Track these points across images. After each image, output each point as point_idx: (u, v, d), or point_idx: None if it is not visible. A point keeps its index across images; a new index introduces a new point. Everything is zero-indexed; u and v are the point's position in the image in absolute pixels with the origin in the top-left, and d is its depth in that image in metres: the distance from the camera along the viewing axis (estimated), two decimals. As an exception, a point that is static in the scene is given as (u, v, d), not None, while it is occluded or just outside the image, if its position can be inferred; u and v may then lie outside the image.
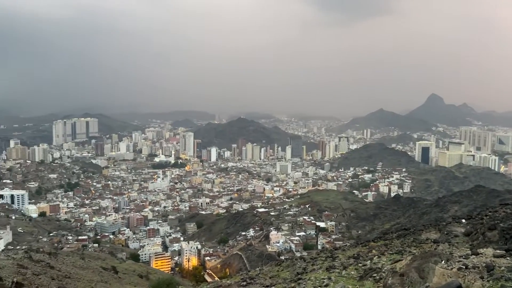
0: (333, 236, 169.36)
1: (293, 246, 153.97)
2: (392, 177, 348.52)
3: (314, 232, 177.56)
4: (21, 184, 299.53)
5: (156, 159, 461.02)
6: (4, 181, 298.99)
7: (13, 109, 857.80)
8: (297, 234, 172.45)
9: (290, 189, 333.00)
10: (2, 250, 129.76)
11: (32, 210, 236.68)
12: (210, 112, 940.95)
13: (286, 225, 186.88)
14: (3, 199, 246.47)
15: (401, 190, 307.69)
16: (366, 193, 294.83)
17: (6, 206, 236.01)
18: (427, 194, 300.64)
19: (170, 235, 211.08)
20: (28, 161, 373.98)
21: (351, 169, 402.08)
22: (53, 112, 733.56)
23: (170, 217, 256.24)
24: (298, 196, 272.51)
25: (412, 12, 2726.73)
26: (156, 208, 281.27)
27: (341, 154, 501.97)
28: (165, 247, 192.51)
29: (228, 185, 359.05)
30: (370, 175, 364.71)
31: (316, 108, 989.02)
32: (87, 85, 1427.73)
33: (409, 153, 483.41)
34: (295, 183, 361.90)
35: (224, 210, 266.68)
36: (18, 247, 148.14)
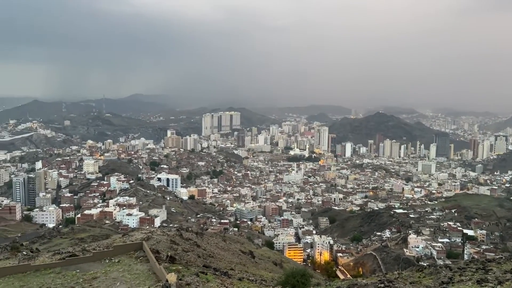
0: (484, 247, 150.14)
1: (434, 252, 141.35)
2: None
3: (460, 239, 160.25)
4: (175, 169, 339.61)
5: (291, 152, 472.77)
6: (161, 166, 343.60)
7: (170, 103, 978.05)
8: (440, 240, 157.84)
9: (433, 191, 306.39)
10: (158, 227, 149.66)
11: (183, 193, 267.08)
12: (346, 107, 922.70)
13: (427, 229, 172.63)
14: (160, 181, 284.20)
15: None
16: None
17: (163, 188, 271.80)
18: None
19: (303, 227, 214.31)
20: (181, 149, 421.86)
21: (510, 172, 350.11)
22: (203, 106, 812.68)
23: (303, 209, 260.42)
24: (443, 199, 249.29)
25: None
26: (290, 200, 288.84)
27: (497, 155, 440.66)
28: (297, 238, 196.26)
29: (363, 182, 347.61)
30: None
31: (468, 103, 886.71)
32: (232, 81, 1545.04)
33: None
34: (439, 184, 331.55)
35: (358, 208, 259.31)
36: (171, 225, 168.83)
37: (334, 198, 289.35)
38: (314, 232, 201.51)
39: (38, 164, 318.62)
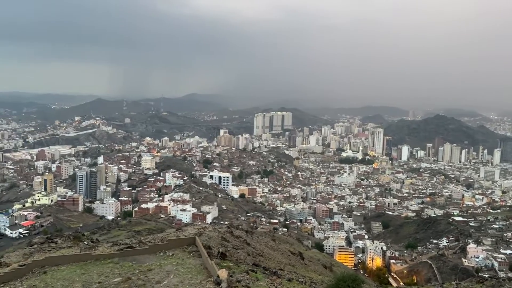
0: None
1: (496, 264, 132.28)
2: None
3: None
4: (226, 167, 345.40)
5: (343, 154, 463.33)
6: (214, 164, 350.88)
7: (224, 103, 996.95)
8: (502, 251, 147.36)
9: (496, 199, 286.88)
10: (210, 223, 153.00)
11: (234, 191, 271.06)
12: (403, 108, 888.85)
13: (489, 239, 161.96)
14: (212, 179, 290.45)
15: None
16: None
17: (215, 186, 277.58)
18: None
19: (355, 231, 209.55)
20: (233, 148, 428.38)
21: None
22: (255, 105, 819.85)
23: (355, 213, 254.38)
24: (507, 208, 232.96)
25: None
26: (341, 202, 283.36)
27: None
28: (348, 242, 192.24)
29: (420, 187, 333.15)
30: None
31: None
32: (286, 81, 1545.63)
33: None
34: (503, 192, 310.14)
35: (414, 214, 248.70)
36: (221, 222, 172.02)
37: (388, 203, 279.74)
38: (366, 236, 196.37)
39: (100, 159, 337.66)
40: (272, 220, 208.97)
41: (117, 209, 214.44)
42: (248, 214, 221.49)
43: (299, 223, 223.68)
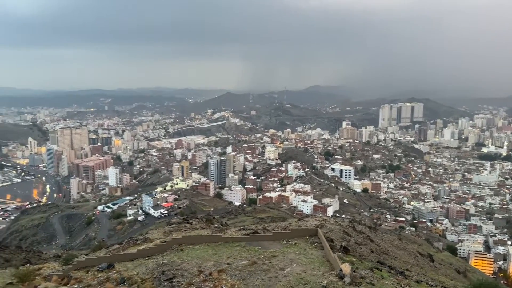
0: None
1: None
2: None
3: None
4: (349, 160, 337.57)
5: (484, 150, 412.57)
6: (335, 156, 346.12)
7: (347, 94, 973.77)
8: None
9: None
10: (331, 216, 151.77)
11: (357, 185, 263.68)
12: None
13: None
14: (334, 172, 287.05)
15: None
16: None
17: (336, 179, 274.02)
18: None
19: (495, 236, 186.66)
20: (356, 141, 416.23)
21: None
22: (381, 96, 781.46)
23: (496, 215, 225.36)
24: None
25: None
26: (479, 203, 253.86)
27: None
28: (487, 247, 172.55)
29: None
30: None
31: None
32: (415, 70, 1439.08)
33: None
34: None
35: None
36: (343, 216, 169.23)
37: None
38: (509, 242, 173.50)
39: (229, 149, 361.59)
40: (398, 218, 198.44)
41: (243, 196, 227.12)
42: (372, 210, 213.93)
43: (428, 223, 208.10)
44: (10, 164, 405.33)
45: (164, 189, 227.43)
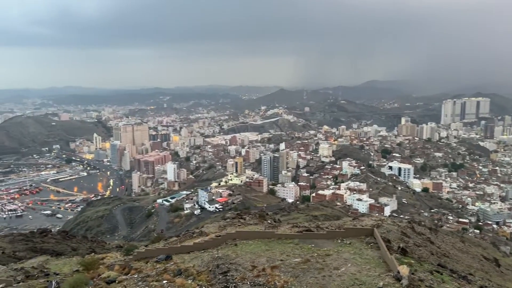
0: None
1: None
2: None
3: None
4: (408, 158, 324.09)
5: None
6: (393, 154, 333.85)
7: (406, 89, 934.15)
8: None
9: None
10: (388, 216, 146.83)
11: (416, 185, 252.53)
12: None
13: None
14: (391, 170, 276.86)
15: None
16: None
17: (394, 177, 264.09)
18: None
19: None
20: (416, 138, 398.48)
21: None
22: (444, 91, 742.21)
23: None
24: None
25: None
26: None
27: None
28: None
29: None
30: None
31: None
32: (481, 63, 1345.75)
33: None
34: None
35: None
36: (401, 216, 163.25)
37: None
38: None
39: (282, 146, 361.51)
40: (460, 219, 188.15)
41: (296, 193, 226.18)
42: (432, 211, 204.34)
43: (495, 226, 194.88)
44: (77, 159, 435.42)
45: (219, 184, 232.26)
